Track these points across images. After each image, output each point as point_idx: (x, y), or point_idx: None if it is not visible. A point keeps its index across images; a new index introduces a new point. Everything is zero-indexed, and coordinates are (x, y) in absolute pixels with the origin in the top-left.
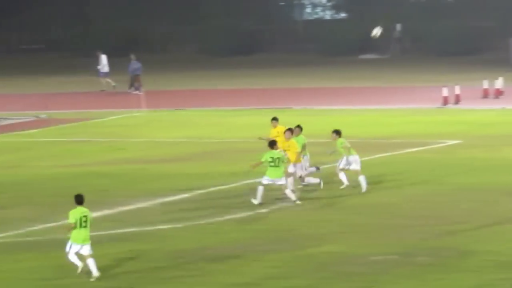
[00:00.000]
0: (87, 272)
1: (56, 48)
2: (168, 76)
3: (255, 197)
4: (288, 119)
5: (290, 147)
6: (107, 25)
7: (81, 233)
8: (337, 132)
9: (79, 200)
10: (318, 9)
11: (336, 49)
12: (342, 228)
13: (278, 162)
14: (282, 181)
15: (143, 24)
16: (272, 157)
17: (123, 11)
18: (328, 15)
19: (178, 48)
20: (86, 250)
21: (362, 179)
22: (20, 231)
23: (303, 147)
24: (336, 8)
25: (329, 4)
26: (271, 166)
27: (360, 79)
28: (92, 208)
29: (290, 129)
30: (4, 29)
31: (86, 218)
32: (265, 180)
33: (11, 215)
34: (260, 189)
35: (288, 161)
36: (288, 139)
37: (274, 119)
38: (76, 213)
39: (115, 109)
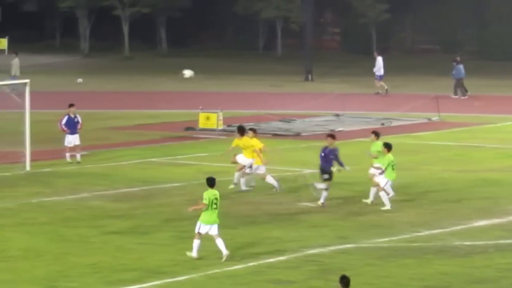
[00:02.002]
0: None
1: (449, 49)
2: None
3: None
4: None
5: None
6: (504, 27)
7: (211, 215)
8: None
9: (210, 183)
10: None
11: None
12: None
13: None
14: None
15: None
16: None
17: None
18: None
19: None
20: (214, 230)
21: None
22: (405, 236)
23: None
24: None
25: None
26: None
27: None
28: (479, 215)
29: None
30: (399, 28)
31: (217, 201)
32: None
33: (397, 218)
34: None
35: None
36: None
37: (251, 129)
38: (209, 194)
39: (511, 114)
